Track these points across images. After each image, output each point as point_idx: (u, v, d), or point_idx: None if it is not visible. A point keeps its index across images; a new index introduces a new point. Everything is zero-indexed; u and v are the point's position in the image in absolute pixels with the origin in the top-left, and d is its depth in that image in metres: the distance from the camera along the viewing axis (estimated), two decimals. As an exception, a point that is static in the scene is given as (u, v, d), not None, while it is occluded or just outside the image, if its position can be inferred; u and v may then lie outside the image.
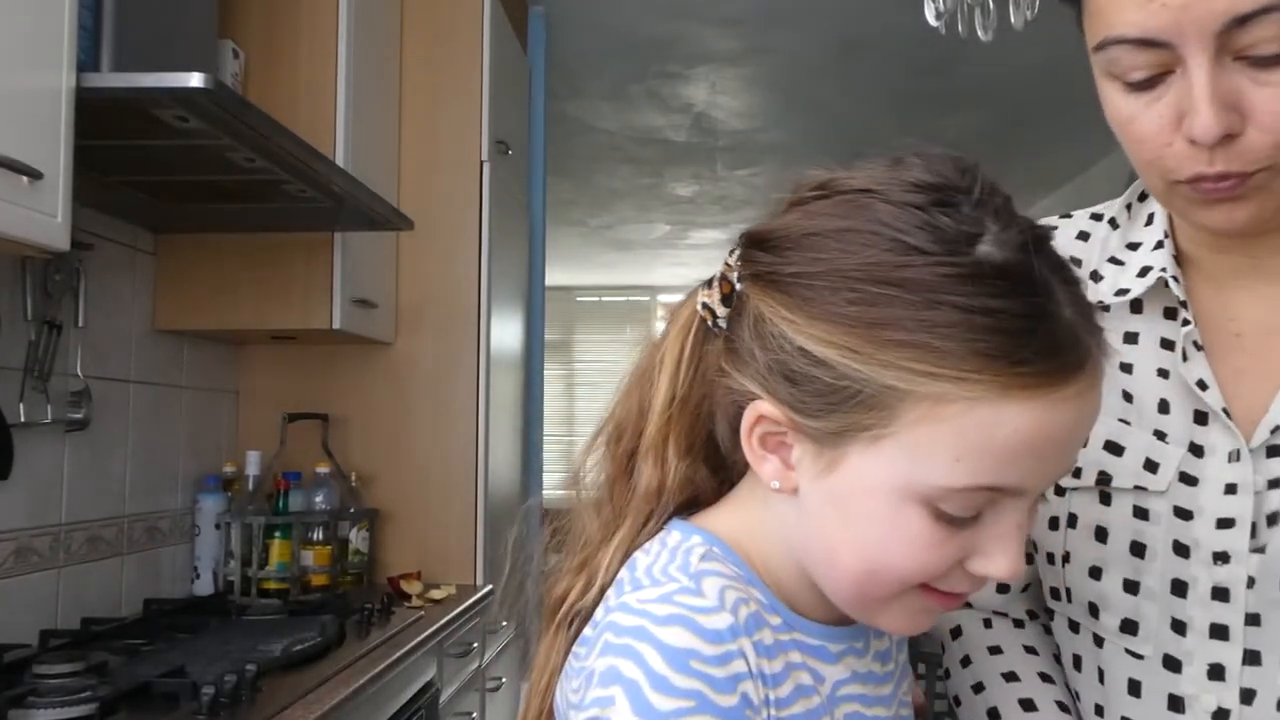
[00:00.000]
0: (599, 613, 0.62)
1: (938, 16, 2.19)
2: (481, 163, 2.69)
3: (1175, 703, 0.75)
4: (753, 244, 0.63)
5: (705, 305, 0.65)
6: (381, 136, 2.53)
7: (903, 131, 4.75)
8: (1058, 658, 0.87)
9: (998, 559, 0.57)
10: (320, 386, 2.63)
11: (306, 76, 2.22)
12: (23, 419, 1.77)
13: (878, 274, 0.55)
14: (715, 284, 0.65)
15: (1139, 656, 0.77)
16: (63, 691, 1.40)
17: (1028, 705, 0.82)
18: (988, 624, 0.91)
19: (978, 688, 0.85)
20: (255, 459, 2.43)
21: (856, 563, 0.59)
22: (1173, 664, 0.76)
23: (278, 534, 2.33)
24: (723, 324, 0.64)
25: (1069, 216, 0.92)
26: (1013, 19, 2.14)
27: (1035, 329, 0.54)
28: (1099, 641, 0.80)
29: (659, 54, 3.94)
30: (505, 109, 2.89)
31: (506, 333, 2.94)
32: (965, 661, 0.88)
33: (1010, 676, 0.84)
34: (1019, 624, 0.91)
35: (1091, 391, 0.56)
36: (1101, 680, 0.80)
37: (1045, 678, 0.85)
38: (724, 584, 0.60)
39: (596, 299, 8.65)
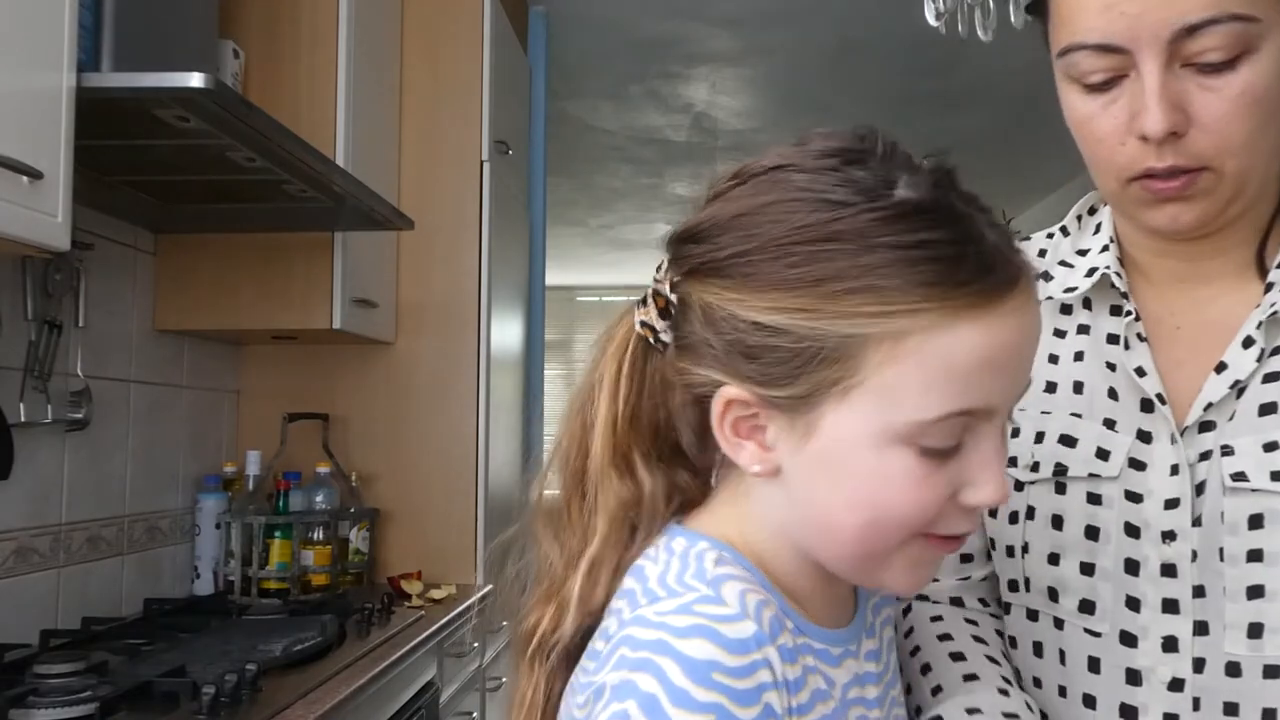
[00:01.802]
0: (611, 626, 0.61)
1: (938, 16, 2.19)
2: (481, 163, 2.69)
3: (1133, 676, 0.80)
4: (681, 242, 0.64)
5: (644, 324, 0.66)
6: (381, 136, 2.53)
7: (903, 131, 4.74)
8: (1005, 655, 0.90)
9: (986, 485, 0.59)
10: (320, 386, 2.63)
11: (306, 76, 2.22)
12: (23, 419, 1.77)
13: (810, 234, 0.57)
14: (649, 301, 0.66)
15: (1097, 635, 0.82)
16: (63, 691, 1.40)
17: (970, 677, 0.85)
18: (937, 617, 0.95)
19: (925, 668, 0.89)
20: (255, 459, 2.43)
21: (855, 518, 0.59)
22: (1129, 639, 0.80)
23: (278, 534, 2.33)
24: (665, 338, 0.65)
25: (1027, 239, 0.98)
26: (1013, 19, 2.14)
27: (967, 253, 0.57)
28: (1059, 624, 0.85)
29: (659, 54, 3.94)
30: (505, 109, 2.89)
31: (506, 333, 2.94)
32: (914, 650, 0.92)
33: (957, 656, 0.88)
34: (971, 613, 0.95)
35: (1030, 305, 0.59)
36: (1063, 661, 0.84)
37: (991, 660, 0.88)
38: (744, 588, 0.59)
39: (597, 299, 8.65)
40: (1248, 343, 0.80)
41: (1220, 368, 0.80)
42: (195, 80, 1.41)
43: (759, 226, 0.59)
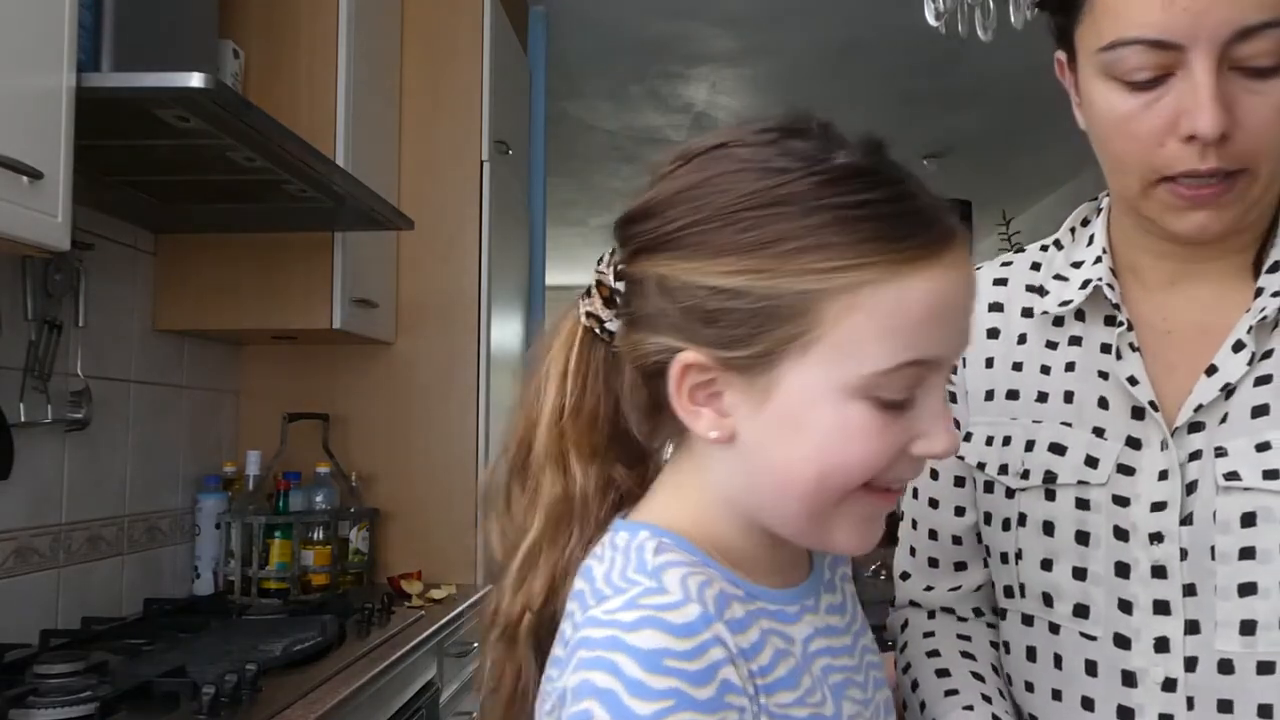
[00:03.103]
0: (567, 630, 0.62)
1: (938, 16, 2.19)
2: (481, 163, 2.69)
3: (1128, 678, 0.81)
4: (628, 224, 0.67)
5: (589, 314, 0.68)
6: (381, 136, 2.53)
7: (903, 131, 4.75)
8: (994, 667, 0.92)
9: (937, 436, 0.62)
10: (320, 386, 2.63)
11: (306, 76, 2.22)
12: (23, 419, 1.77)
13: (758, 199, 0.60)
14: (593, 293, 0.68)
15: (1092, 638, 0.83)
16: (63, 691, 1.40)
17: (950, 693, 0.87)
18: (931, 617, 0.97)
19: (914, 685, 0.92)
20: (255, 459, 2.43)
21: (811, 471, 0.61)
22: (1123, 641, 0.81)
23: (278, 534, 2.33)
24: (611, 327, 0.67)
25: (1022, 250, 0.99)
26: (1013, 19, 2.14)
27: (905, 210, 0.61)
28: (1054, 629, 0.86)
29: (659, 54, 3.94)
30: (505, 109, 2.89)
31: (506, 333, 2.94)
32: (906, 668, 0.94)
33: (942, 672, 0.90)
34: (964, 625, 0.96)
35: (965, 262, 0.63)
36: (1059, 665, 0.85)
37: (976, 675, 0.89)
38: (684, 572, 0.61)
39: (596, 299, 8.64)
40: (1238, 346, 0.80)
41: (1210, 370, 0.81)
42: (195, 80, 1.41)
43: (707, 197, 0.62)
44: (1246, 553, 0.77)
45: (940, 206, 0.62)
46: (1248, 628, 0.77)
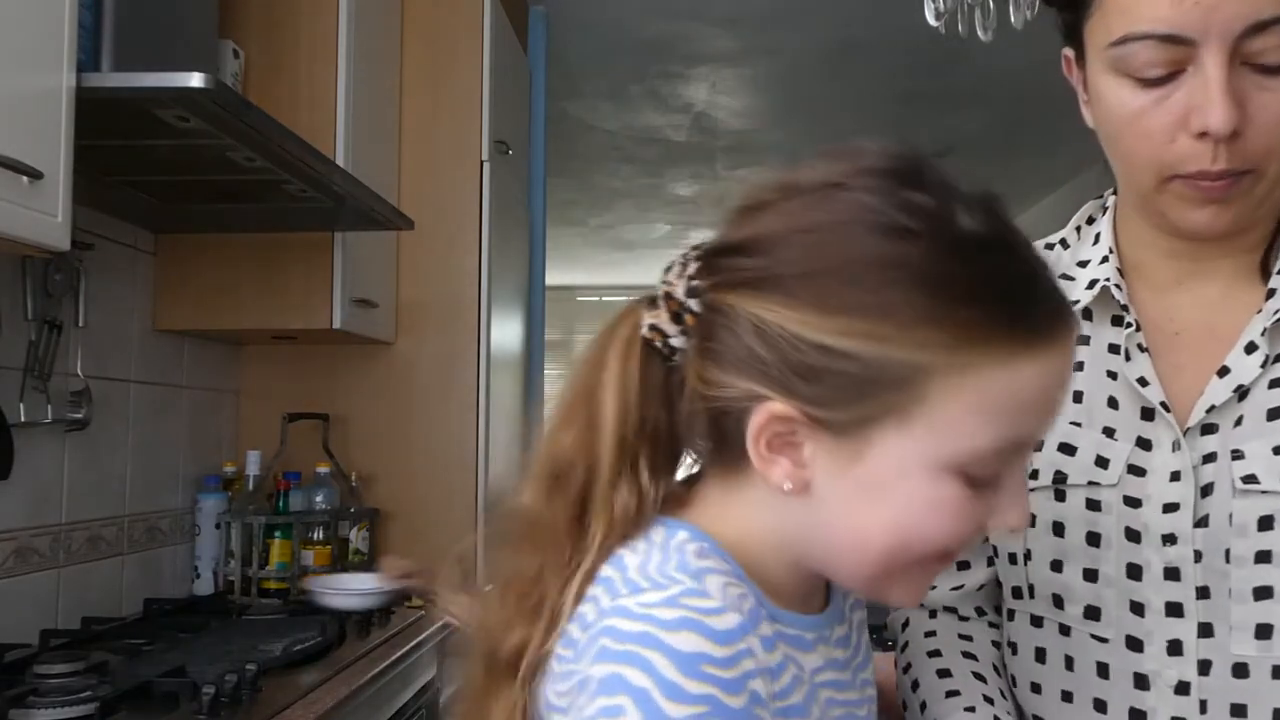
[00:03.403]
0: (588, 613, 0.61)
1: (938, 16, 2.19)
2: (481, 163, 2.69)
3: (1140, 680, 0.80)
4: (725, 253, 0.62)
5: (653, 327, 0.64)
6: (381, 136, 2.53)
7: (903, 131, 4.75)
8: (996, 667, 0.91)
9: (1013, 510, 0.61)
10: (320, 386, 2.63)
11: (306, 76, 2.22)
12: (23, 419, 1.77)
13: (884, 260, 0.57)
14: (660, 304, 0.64)
15: (1103, 640, 0.82)
16: (63, 691, 1.40)
17: (952, 694, 0.87)
18: (932, 616, 0.97)
19: (914, 684, 0.91)
20: (255, 459, 2.43)
21: (889, 542, 0.60)
22: (1135, 644, 0.81)
23: (278, 534, 2.33)
24: (675, 343, 0.63)
25: None
26: (1013, 19, 2.14)
27: (1035, 288, 0.59)
28: (1065, 631, 0.85)
29: (659, 54, 3.94)
30: (505, 109, 2.89)
31: (506, 333, 2.94)
32: (907, 668, 0.94)
33: (944, 673, 0.89)
34: (966, 625, 0.96)
35: (1073, 341, 0.61)
36: (1070, 667, 0.84)
37: (977, 676, 0.89)
38: (725, 581, 0.60)
39: (597, 299, 8.64)
40: (1250, 348, 0.80)
41: (1223, 371, 0.80)
42: (195, 80, 1.41)
43: (825, 246, 0.58)
44: (1263, 556, 0.76)
45: (1054, 284, 0.60)
46: (1264, 631, 0.76)
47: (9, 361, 1.77)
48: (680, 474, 0.69)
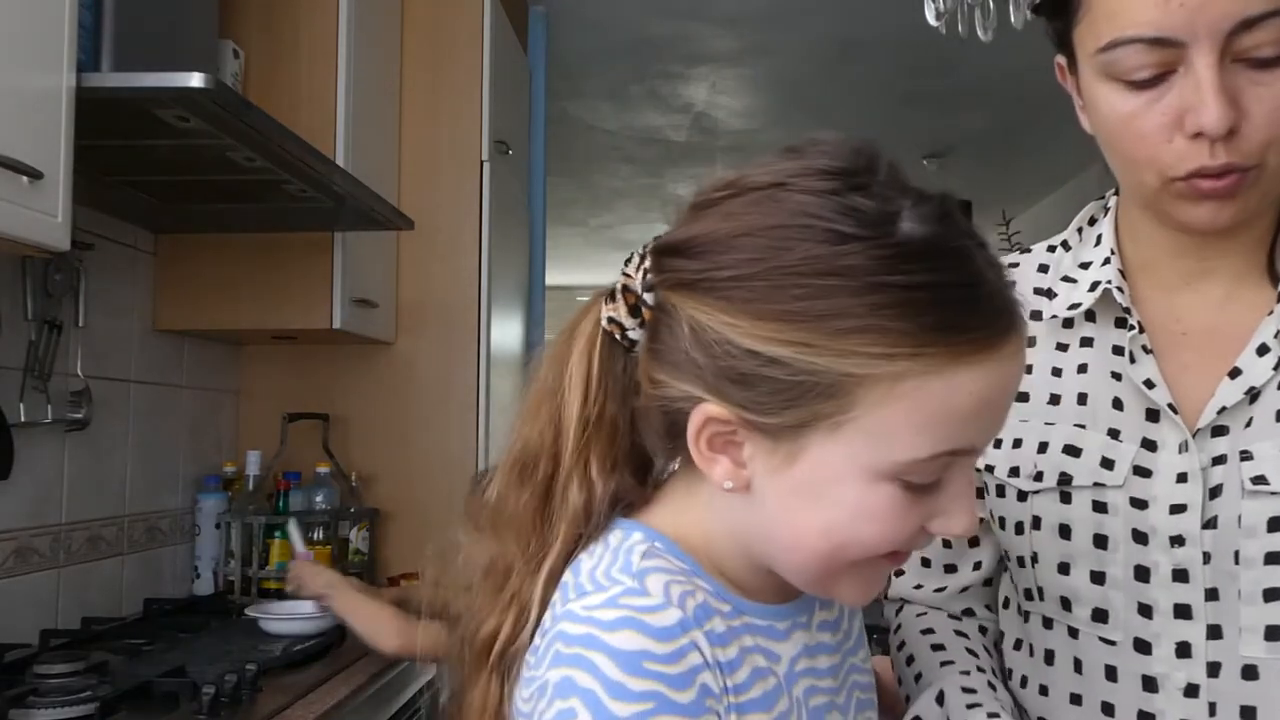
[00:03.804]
0: (546, 620, 0.62)
1: (938, 16, 2.19)
2: (481, 163, 2.69)
3: (1149, 683, 0.80)
4: (669, 253, 0.62)
5: (612, 320, 0.64)
6: (381, 136, 2.53)
7: (903, 131, 4.75)
8: (988, 650, 0.93)
9: (958, 517, 0.60)
10: (320, 386, 2.63)
11: (306, 76, 2.22)
12: (23, 419, 1.77)
13: (818, 266, 0.56)
14: (618, 297, 0.64)
15: (1111, 643, 0.82)
16: (63, 691, 1.40)
17: (947, 664, 0.87)
18: (922, 613, 0.98)
19: (909, 660, 0.92)
20: (255, 459, 2.43)
21: (825, 544, 0.60)
22: (1143, 646, 0.80)
23: (278, 534, 2.33)
24: (633, 336, 0.64)
25: (1028, 251, 0.98)
26: (1013, 19, 2.14)
27: (973, 296, 0.57)
28: (1074, 633, 0.85)
29: (659, 54, 3.94)
30: (505, 109, 2.89)
31: (506, 333, 2.94)
32: (901, 645, 0.95)
33: (938, 647, 0.90)
34: (954, 619, 0.97)
35: (1022, 347, 0.59)
36: (1079, 670, 0.84)
37: (970, 651, 0.90)
38: (668, 579, 0.60)
39: (597, 299, 8.63)
40: (1263, 350, 0.79)
41: (1234, 373, 0.79)
42: (195, 80, 1.41)
43: (760, 251, 0.58)
44: (1273, 557, 0.76)
45: (1005, 289, 0.59)
46: (1273, 633, 0.76)
47: (9, 361, 1.77)
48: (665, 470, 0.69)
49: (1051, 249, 0.96)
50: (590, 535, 0.65)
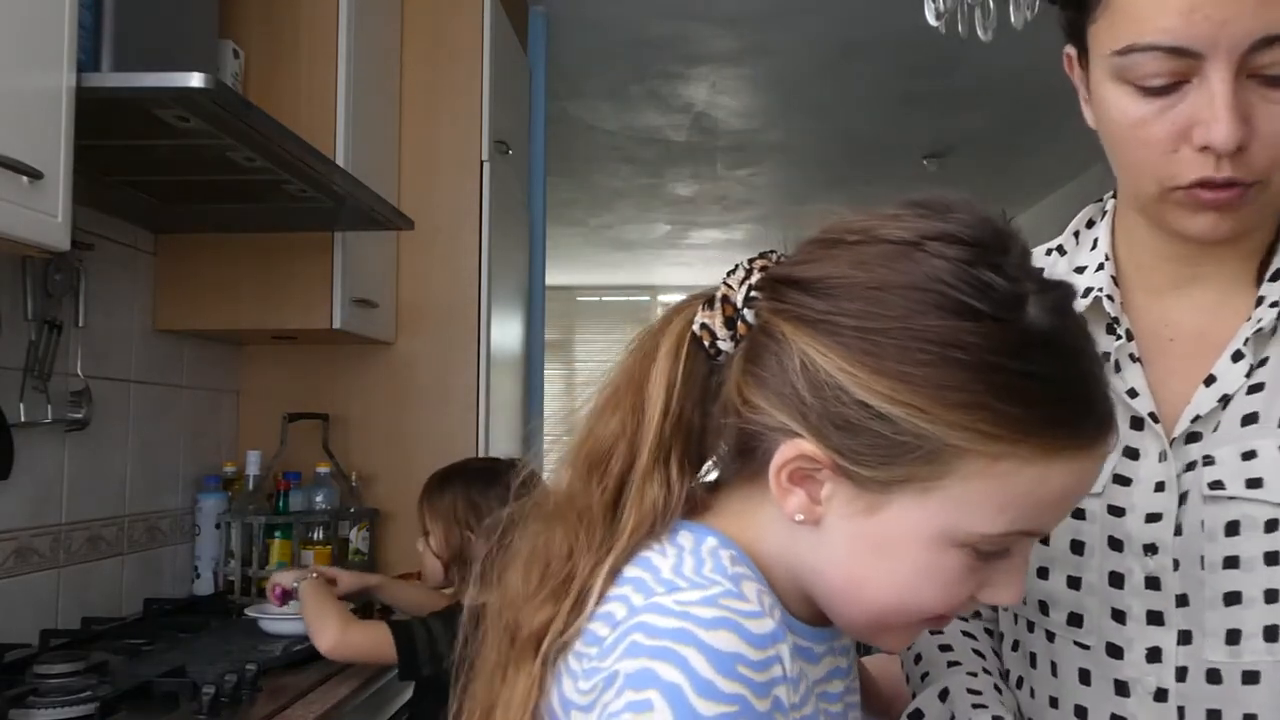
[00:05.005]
0: (617, 612, 0.61)
1: (938, 16, 2.19)
2: (481, 163, 2.69)
3: (1121, 687, 0.81)
4: (791, 284, 0.62)
5: (705, 326, 0.65)
6: (381, 136, 2.53)
7: (903, 131, 4.75)
8: (996, 652, 0.94)
9: (1008, 589, 0.63)
10: (320, 386, 2.63)
11: (306, 76, 2.22)
12: (23, 419, 1.77)
13: (945, 336, 0.57)
14: (716, 305, 0.64)
15: (1086, 647, 0.83)
16: (63, 691, 1.40)
17: (953, 664, 0.88)
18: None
19: (916, 658, 0.93)
20: (255, 459, 2.43)
21: (885, 598, 0.61)
22: (1115, 651, 0.81)
23: (278, 534, 2.33)
24: (722, 346, 0.64)
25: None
26: (1013, 19, 2.14)
27: (1083, 397, 0.59)
28: (1051, 637, 0.86)
29: (659, 54, 3.94)
30: (505, 109, 2.89)
31: (506, 333, 2.94)
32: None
33: (945, 647, 0.91)
34: (961, 618, 0.97)
35: (1107, 449, 0.61)
36: (1055, 673, 0.85)
37: (977, 653, 0.91)
38: (759, 588, 0.61)
39: (597, 299, 8.64)
40: (1237, 356, 0.80)
41: (1209, 380, 0.80)
42: (195, 80, 1.41)
43: (890, 308, 0.58)
44: (1231, 562, 0.77)
45: (1109, 392, 0.61)
46: (1233, 637, 0.77)
47: (9, 361, 1.77)
48: (708, 477, 0.69)
49: (1047, 253, 0.96)
50: (656, 533, 0.65)
